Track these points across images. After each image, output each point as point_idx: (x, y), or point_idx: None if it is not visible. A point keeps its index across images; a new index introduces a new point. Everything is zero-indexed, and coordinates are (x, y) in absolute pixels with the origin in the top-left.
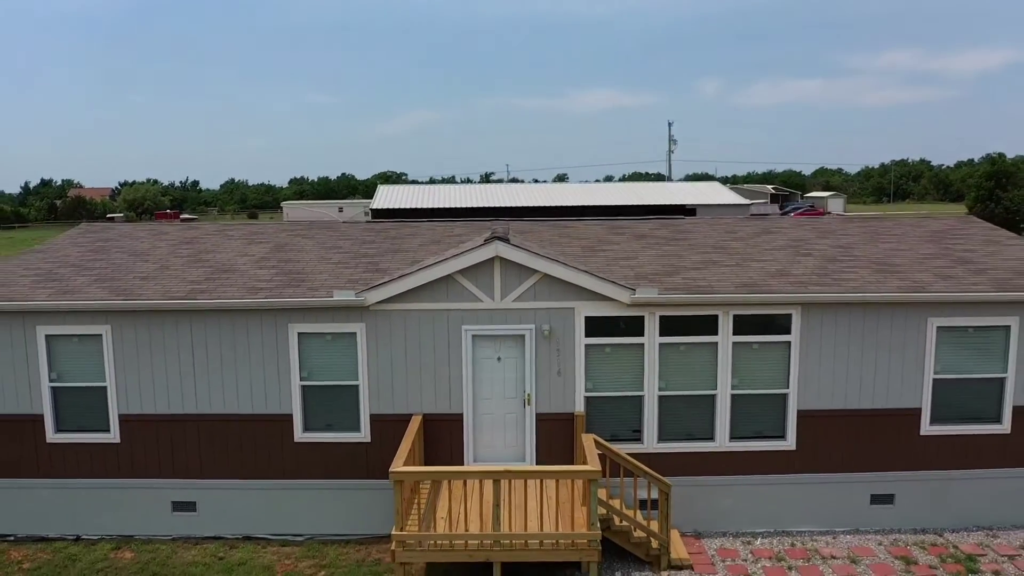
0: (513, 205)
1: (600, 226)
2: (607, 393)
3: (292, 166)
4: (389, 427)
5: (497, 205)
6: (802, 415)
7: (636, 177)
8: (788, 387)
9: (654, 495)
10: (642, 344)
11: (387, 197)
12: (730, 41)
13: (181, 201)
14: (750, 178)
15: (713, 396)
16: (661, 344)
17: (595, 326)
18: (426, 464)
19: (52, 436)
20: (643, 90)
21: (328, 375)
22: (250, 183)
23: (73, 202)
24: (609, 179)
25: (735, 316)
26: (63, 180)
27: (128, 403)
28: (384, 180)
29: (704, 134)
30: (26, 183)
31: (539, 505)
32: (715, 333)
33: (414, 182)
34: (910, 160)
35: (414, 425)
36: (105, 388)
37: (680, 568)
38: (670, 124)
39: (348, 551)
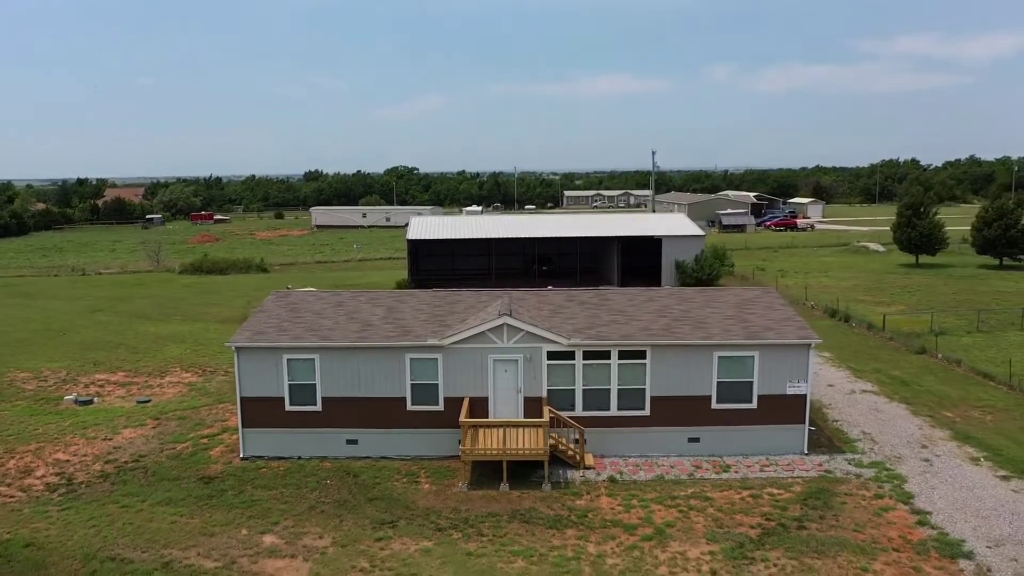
0: (519, 236)
1: (562, 296)
2: (558, 387)
3: (306, 155)
4: (453, 403)
5: (507, 236)
6: (653, 398)
7: (638, 175)
8: (645, 384)
9: (578, 436)
10: (574, 364)
11: (420, 228)
12: (742, 26)
13: (208, 200)
14: (746, 176)
15: (609, 388)
16: (584, 364)
17: (552, 355)
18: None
19: (288, 407)
20: (653, 75)
21: (424, 378)
22: (266, 173)
23: (113, 203)
24: (614, 174)
25: (619, 351)
26: (97, 179)
27: (326, 391)
28: (397, 177)
29: (710, 122)
30: (63, 181)
31: (524, 437)
32: (609, 358)
33: (425, 175)
34: (901, 160)
35: (466, 402)
36: (315, 384)
37: (588, 468)
38: (653, 153)
39: (433, 463)
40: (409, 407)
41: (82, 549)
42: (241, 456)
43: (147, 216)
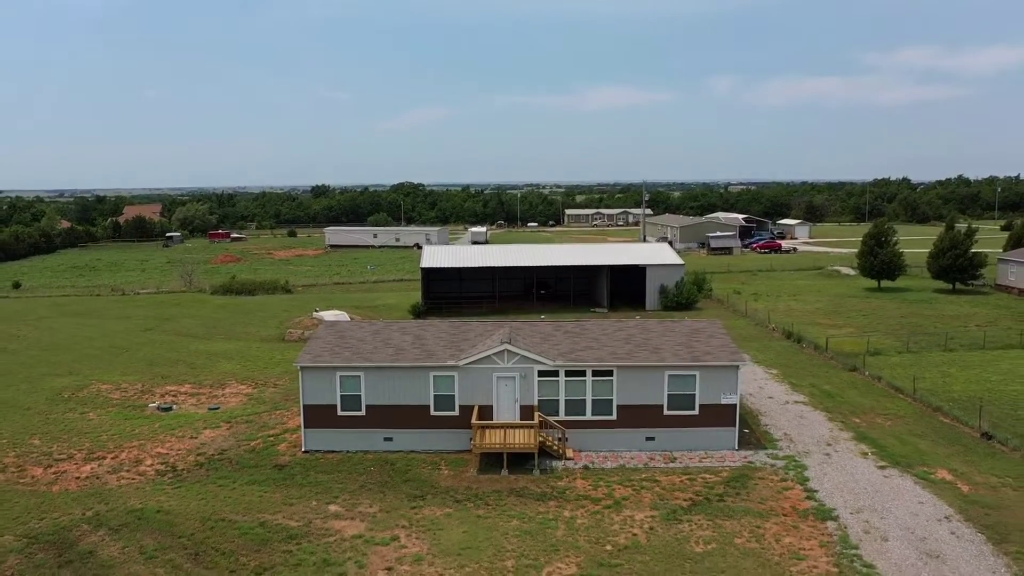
0: (520, 265)
1: (550, 326)
2: (546, 398)
3: (310, 166)
4: (466, 409)
5: (509, 265)
6: (619, 407)
7: (636, 195)
8: (613, 396)
9: (561, 435)
10: (559, 380)
11: (432, 258)
12: (746, 38)
13: (222, 218)
14: (742, 195)
15: (585, 399)
16: (566, 380)
17: (541, 373)
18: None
19: (339, 413)
20: (657, 87)
21: (443, 390)
22: (271, 184)
23: (134, 222)
24: (616, 185)
25: (593, 370)
26: (116, 196)
27: (369, 400)
28: (404, 195)
29: (713, 136)
30: (82, 198)
31: (520, 435)
32: (585, 376)
33: (430, 191)
34: (893, 179)
35: (476, 409)
36: (360, 395)
37: (569, 459)
38: (643, 183)
39: (451, 455)
40: (432, 413)
41: (199, 514)
42: (303, 450)
43: (167, 234)
